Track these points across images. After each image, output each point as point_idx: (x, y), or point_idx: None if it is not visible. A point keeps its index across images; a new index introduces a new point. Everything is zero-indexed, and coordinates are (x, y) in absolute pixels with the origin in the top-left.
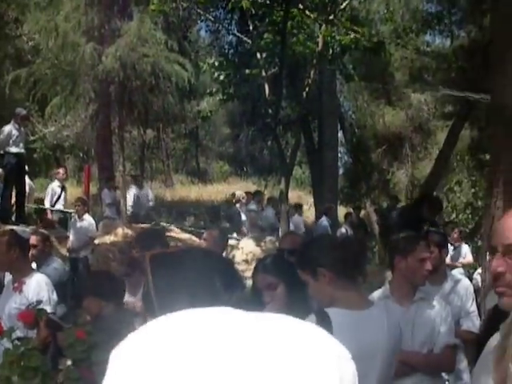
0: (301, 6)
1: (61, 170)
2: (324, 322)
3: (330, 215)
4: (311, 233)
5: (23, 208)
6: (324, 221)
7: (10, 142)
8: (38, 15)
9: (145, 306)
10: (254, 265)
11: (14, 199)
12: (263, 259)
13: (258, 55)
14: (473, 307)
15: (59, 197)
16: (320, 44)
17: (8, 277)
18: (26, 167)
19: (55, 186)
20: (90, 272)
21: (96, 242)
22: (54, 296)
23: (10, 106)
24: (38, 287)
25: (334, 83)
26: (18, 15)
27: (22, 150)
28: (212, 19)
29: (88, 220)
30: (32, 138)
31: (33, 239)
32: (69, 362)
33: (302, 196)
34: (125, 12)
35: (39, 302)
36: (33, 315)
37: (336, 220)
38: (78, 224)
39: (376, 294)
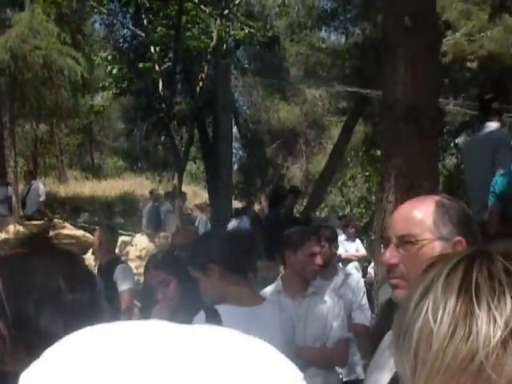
0: (195, 0)
1: None
2: (214, 319)
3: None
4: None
5: None
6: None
7: None
8: None
9: None
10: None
11: None
12: (154, 256)
13: (152, 49)
14: (364, 300)
15: None
16: (214, 38)
17: None
18: None
19: None
20: None
21: None
22: None
23: None
24: None
25: (228, 78)
26: None
27: None
28: (106, 12)
29: None
30: None
31: None
32: None
33: (196, 191)
34: (16, 2)
35: None
36: None
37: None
38: None
39: (268, 290)
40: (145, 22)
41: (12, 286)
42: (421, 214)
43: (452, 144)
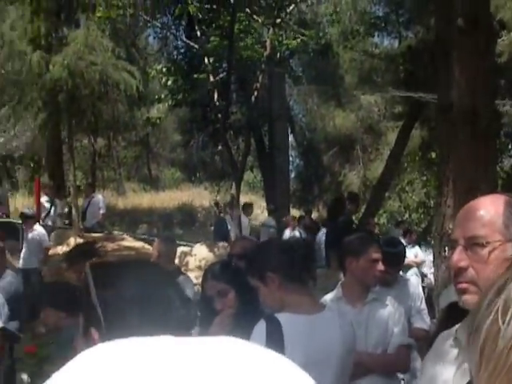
0: (248, 10)
1: (49, 186)
2: (274, 327)
3: (276, 216)
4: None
5: None
6: (269, 221)
7: None
8: None
9: (87, 319)
10: None
11: None
12: (212, 266)
13: (206, 60)
14: (423, 305)
15: (48, 212)
16: (268, 48)
17: None
18: None
19: (44, 201)
20: (47, 283)
21: (49, 252)
22: (6, 309)
23: None
24: None
25: (283, 87)
26: None
27: None
28: (159, 26)
29: (39, 231)
30: None
31: None
32: (23, 376)
33: (254, 200)
34: (71, 19)
35: None
36: None
37: (281, 223)
38: (30, 235)
39: (328, 297)
40: (198, 33)
41: (109, 293)
42: (490, 215)
43: (510, 146)
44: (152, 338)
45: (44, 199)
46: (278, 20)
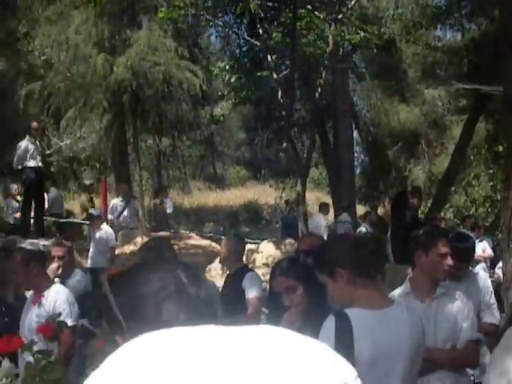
0: (309, 7)
1: (122, 186)
2: (344, 323)
3: (350, 212)
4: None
5: (42, 221)
6: (345, 217)
7: (27, 156)
8: (48, 29)
9: (112, 328)
10: None
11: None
12: (279, 263)
13: (269, 58)
14: (492, 299)
15: (121, 212)
16: (330, 44)
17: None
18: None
19: (118, 201)
20: None
21: (116, 251)
22: (76, 308)
23: (24, 120)
24: (56, 299)
25: (346, 82)
26: (29, 30)
27: (40, 164)
28: (221, 24)
29: (106, 230)
30: (48, 151)
31: (60, 251)
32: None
33: (320, 197)
34: (134, 21)
35: (58, 314)
36: (51, 328)
37: (355, 219)
38: (97, 234)
39: (397, 292)
40: (260, 31)
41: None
42: None
43: None
44: (195, 328)
45: (118, 200)
46: (340, 15)
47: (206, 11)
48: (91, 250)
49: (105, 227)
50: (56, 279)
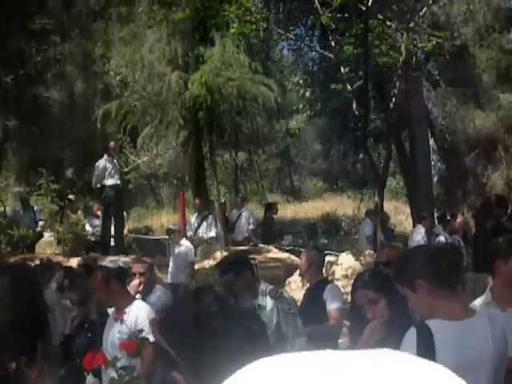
0: (380, 17)
1: (197, 201)
2: (424, 335)
3: (425, 224)
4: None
5: (122, 238)
6: (419, 229)
7: (106, 174)
8: (123, 50)
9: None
10: (353, 280)
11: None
12: (361, 275)
13: (342, 69)
14: None
15: (198, 227)
16: (403, 53)
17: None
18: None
19: (194, 217)
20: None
21: (196, 266)
22: None
23: (102, 139)
24: (139, 316)
25: (420, 90)
26: (105, 52)
27: (118, 182)
28: (293, 37)
29: (186, 245)
30: (126, 169)
31: (141, 267)
32: None
33: (398, 207)
34: (206, 38)
35: (140, 330)
36: (134, 344)
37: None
38: (176, 250)
39: (478, 302)
40: (332, 43)
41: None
42: None
43: None
44: (311, 353)
45: (195, 215)
46: (412, 24)
47: (278, 25)
48: (171, 265)
49: (184, 242)
50: (137, 295)
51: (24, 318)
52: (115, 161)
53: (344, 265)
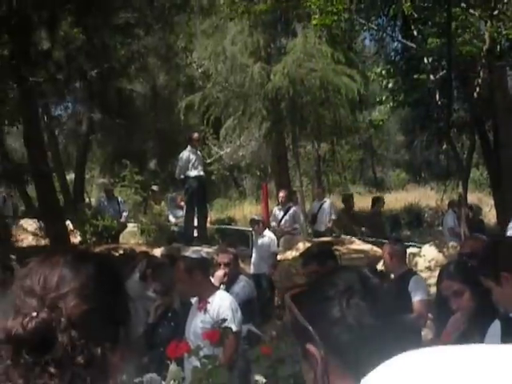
0: (464, 5)
1: (281, 193)
2: (509, 327)
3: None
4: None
5: (205, 229)
6: None
7: (189, 166)
8: (205, 42)
9: (301, 339)
10: (437, 272)
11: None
12: (447, 266)
13: (425, 59)
14: None
15: (281, 219)
16: (487, 41)
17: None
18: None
19: (277, 208)
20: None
21: (278, 257)
22: (239, 314)
23: (185, 131)
24: (221, 306)
25: (505, 80)
26: (187, 44)
27: (202, 173)
28: (375, 28)
29: (269, 236)
30: (208, 160)
31: (225, 258)
32: (257, 377)
33: (481, 198)
34: (288, 29)
35: (224, 320)
36: (218, 334)
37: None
38: (259, 241)
39: None
40: (414, 32)
41: (310, 310)
42: None
43: None
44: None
45: (277, 207)
46: (496, 11)
47: (359, 15)
48: (253, 256)
49: (267, 233)
50: (221, 286)
51: (107, 305)
52: (199, 152)
53: (427, 256)
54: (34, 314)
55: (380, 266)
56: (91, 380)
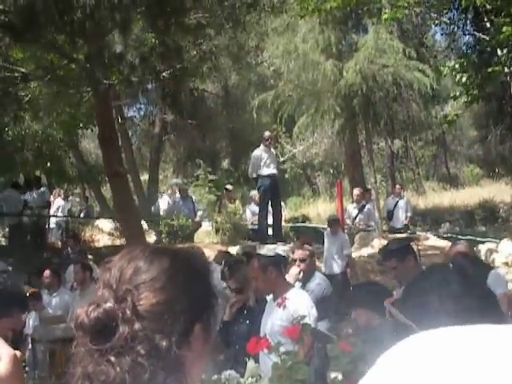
0: None
1: (356, 192)
2: None
3: None
4: None
5: (280, 227)
6: None
7: (261, 164)
8: (276, 40)
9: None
10: None
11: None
12: None
13: (499, 52)
14: None
15: (355, 217)
16: None
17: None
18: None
19: (352, 206)
20: (356, 284)
21: (354, 255)
22: (314, 311)
23: (257, 130)
24: (299, 302)
25: None
26: (258, 43)
27: (274, 171)
28: (446, 21)
29: (342, 236)
30: (282, 158)
31: (302, 254)
32: (333, 374)
33: None
34: (359, 26)
35: (303, 316)
36: (298, 330)
37: None
38: (333, 240)
39: None
40: (487, 24)
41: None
42: None
43: None
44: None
45: (352, 205)
46: None
47: (431, 9)
48: (326, 256)
49: (341, 233)
50: (297, 283)
51: (180, 299)
52: (272, 150)
53: (504, 252)
54: (101, 304)
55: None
56: (154, 371)
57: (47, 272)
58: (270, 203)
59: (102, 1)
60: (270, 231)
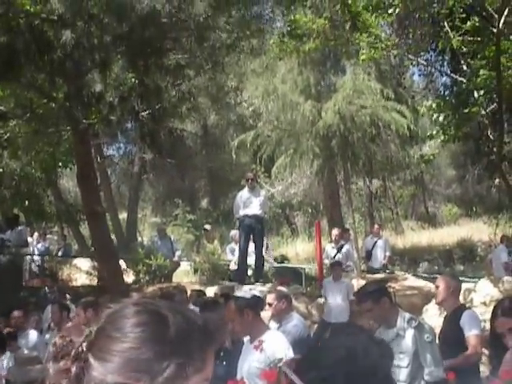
0: None
1: (335, 232)
2: None
3: None
4: None
5: (261, 267)
6: None
7: (241, 205)
8: (256, 81)
9: None
10: (491, 308)
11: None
12: (502, 302)
13: (475, 93)
14: None
15: (334, 257)
16: None
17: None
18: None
19: (330, 246)
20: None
21: None
22: (291, 352)
23: (236, 170)
24: (276, 345)
25: None
26: (237, 84)
27: (256, 211)
28: (424, 63)
29: (344, 281)
30: None
31: (269, 298)
32: None
33: None
34: (337, 67)
35: (280, 359)
36: (275, 374)
37: None
38: (336, 286)
39: None
40: (464, 66)
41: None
42: None
43: None
44: None
45: (330, 245)
46: None
47: (408, 51)
48: (332, 302)
49: (346, 279)
50: (274, 324)
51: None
52: (258, 191)
53: (482, 292)
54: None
55: (432, 303)
56: None
57: (15, 313)
58: (251, 243)
59: (81, 40)
60: (250, 271)
